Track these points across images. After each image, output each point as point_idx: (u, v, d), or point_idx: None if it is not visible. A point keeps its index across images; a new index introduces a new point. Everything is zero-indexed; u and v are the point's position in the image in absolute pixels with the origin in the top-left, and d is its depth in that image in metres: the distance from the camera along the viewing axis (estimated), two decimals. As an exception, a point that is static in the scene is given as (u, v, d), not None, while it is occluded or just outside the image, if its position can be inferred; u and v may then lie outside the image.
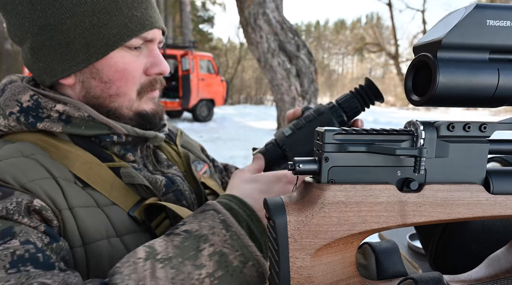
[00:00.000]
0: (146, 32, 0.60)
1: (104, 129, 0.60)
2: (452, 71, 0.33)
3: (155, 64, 0.63)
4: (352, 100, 0.62)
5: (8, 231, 0.46)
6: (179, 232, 0.47)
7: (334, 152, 0.35)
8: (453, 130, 0.37)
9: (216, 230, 0.47)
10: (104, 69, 0.59)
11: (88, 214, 0.54)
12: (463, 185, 0.37)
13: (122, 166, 0.61)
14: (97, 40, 0.57)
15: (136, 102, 0.63)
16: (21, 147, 0.56)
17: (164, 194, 0.65)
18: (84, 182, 0.57)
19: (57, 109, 0.58)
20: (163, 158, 0.73)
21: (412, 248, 0.86)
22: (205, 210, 0.50)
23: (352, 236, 0.35)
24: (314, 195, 0.35)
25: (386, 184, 0.36)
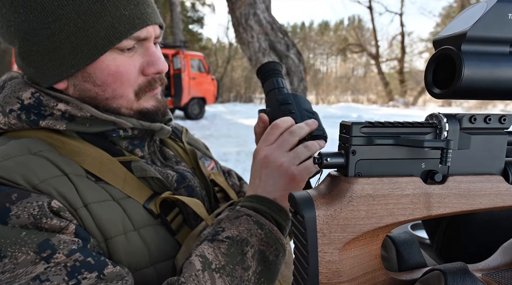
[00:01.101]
0: (137, 31, 0.54)
1: (109, 125, 0.57)
2: (476, 64, 0.32)
3: (152, 63, 0.57)
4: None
5: (46, 245, 0.43)
6: (222, 239, 0.49)
7: (361, 145, 0.33)
8: (475, 122, 0.35)
9: (253, 231, 0.50)
10: (96, 73, 0.54)
11: (104, 209, 0.51)
12: (484, 176, 0.36)
13: (133, 160, 0.58)
14: (85, 44, 0.52)
15: (136, 103, 0.59)
16: (28, 143, 0.52)
17: (176, 189, 0.62)
18: (96, 176, 0.54)
19: (59, 108, 0.55)
20: (170, 155, 0.70)
21: (413, 238, 0.85)
22: (239, 216, 0.52)
23: (378, 229, 0.34)
24: (342, 189, 0.33)
25: (411, 176, 0.34)
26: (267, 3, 3.76)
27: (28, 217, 0.43)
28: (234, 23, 3.75)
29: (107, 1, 0.52)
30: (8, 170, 0.47)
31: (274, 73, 0.64)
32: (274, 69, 0.64)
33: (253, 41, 3.67)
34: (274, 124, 0.55)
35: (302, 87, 3.81)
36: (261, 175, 0.54)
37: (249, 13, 3.59)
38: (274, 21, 3.74)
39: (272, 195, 0.53)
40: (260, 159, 0.54)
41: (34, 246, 0.42)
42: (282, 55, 3.72)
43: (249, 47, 3.71)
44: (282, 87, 0.63)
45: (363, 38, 24.90)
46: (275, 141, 0.54)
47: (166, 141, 0.72)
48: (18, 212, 0.43)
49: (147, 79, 0.58)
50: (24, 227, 0.43)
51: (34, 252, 0.42)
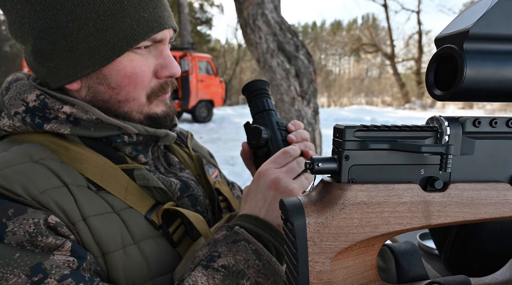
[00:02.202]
0: (155, 34, 0.55)
1: (114, 130, 0.57)
2: (480, 63, 0.31)
3: (165, 66, 0.58)
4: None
5: (38, 268, 0.43)
6: (218, 268, 0.49)
7: (355, 150, 0.33)
8: (479, 126, 0.34)
9: (251, 262, 0.49)
10: (112, 74, 0.55)
11: (102, 223, 0.51)
12: (490, 184, 0.35)
13: (135, 168, 0.59)
14: (102, 45, 0.53)
15: (147, 107, 0.59)
16: (30, 150, 0.52)
17: (179, 198, 0.62)
18: (97, 185, 0.54)
19: (64, 111, 0.55)
20: (175, 161, 0.70)
21: (422, 248, 0.83)
22: (237, 241, 0.51)
23: (374, 239, 0.33)
24: (334, 196, 0.32)
25: (409, 183, 0.34)
26: (275, 3, 3.76)
27: (24, 235, 0.44)
28: (241, 24, 3.76)
29: (127, 2, 0.52)
30: (8, 179, 0.47)
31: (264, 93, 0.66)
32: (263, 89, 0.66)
33: (261, 42, 3.67)
34: (286, 150, 0.57)
35: (312, 89, 3.80)
36: (267, 197, 0.54)
37: (257, 13, 3.60)
38: (283, 21, 3.74)
39: (277, 221, 0.53)
40: (270, 180, 0.54)
41: (27, 269, 0.43)
42: (291, 56, 3.71)
43: (257, 48, 3.71)
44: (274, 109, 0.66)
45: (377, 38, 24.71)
46: (284, 166, 0.56)
47: (172, 146, 0.73)
48: (14, 229, 0.44)
49: (160, 83, 0.59)
50: (19, 245, 0.44)
51: (26, 275, 0.42)
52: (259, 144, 0.62)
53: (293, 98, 3.75)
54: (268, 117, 0.64)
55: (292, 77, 3.73)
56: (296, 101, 3.74)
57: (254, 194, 0.56)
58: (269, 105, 0.65)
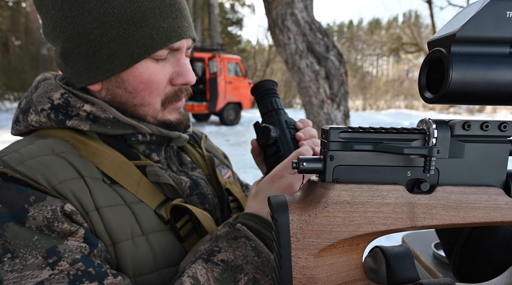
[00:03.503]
0: (172, 43, 0.60)
1: (129, 129, 0.63)
2: (467, 67, 0.33)
3: (181, 74, 0.64)
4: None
5: (53, 251, 0.48)
6: (217, 262, 0.52)
7: (340, 150, 0.35)
8: (469, 129, 0.36)
9: (249, 258, 0.53)
10: (129, 79, 0.61)
11: (114, 214, 0.56)
12: (480, 188, 0.36)
13: (148, 165, 0.64)
14: (123, 51, 0.58)
15: (161, 112, 0.65)
16: (53, 143, 0.59)
17: (188, 196, 0.67)
18: (112, 179, 0.60)
19: (85, 109, 0.62)
20: (187, 160, 0.75)
21: (437, 257, 0.83)
22: (238, 237, 0.54)
23: (358, 238, 0.35)
24: (317, 194, 0.35)
25: (395, 184, 0.36)
26: (306, 2, 3.78)
27: (42, 220, 0.49)
28: (270, 24, 3.81)
29: (149, 12, 0.58)
30: (32, 169, 0.53)
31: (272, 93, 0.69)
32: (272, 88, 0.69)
33: (289, 43, 3.70)
34: (299, 153, 0.60)
35: (343, 91, 3.77)
36: None
37: (286, 13, 3.64)
38: (313, 20, 3.75)
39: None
40: (284, 187, 0.57)
41: (43, 251, 0.48)
42: (321, 57, 3.71)
43: (285, 49, 3.74)
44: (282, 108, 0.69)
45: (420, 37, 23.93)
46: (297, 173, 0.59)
47: (185, 146, 0.78)
48: (34, 214, 0.49)
49: (174, 90, 0.65)
50: (38, 229, 0.50)
51: (42, 256, 0.48)
52: (269, 142, 0.65)
53: (323, 100, 3.74)
54: (276, 116, 0.67)
55: (321, 79, 3.73)
56: (326, 104, 3.73)
57: (265, 195, 0.59)
58: (278, 104, 0.68)
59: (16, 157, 0.54)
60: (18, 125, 0.65)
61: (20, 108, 0.64)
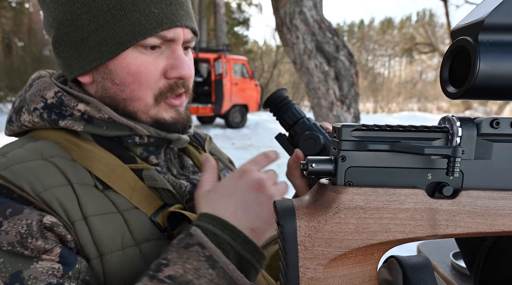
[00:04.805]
0: (165, 31, 0.57)
1: (126, 130, 0.61)
2: (496, 57, 0.30)
3: (175, 67, 0.60)
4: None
5: (16, 277, 0.46)
6: (163, 279, 0.47)
7: (352, 150, 0.33)
8: (497, 127, 0.33)
9: (202, 271, 0.47)
10: (116, 70, 0.59)
11: (103, 223, 0.54)
12: (510, 192, 0.34)
13: (144, 168, 0.62)
14: (110, 38, 0.56)
15: (153, 108, 0.62)
16: (43, 147, 0.57)
17: (188, 201, 0.64)
18: (105, 184, 0.58)
19: (79, 108, 0.60)
20: (189, 164, 0.73)
21: (456, 268, 0.80)
22: (189, 245, 0.49)
23: (372, 247, 0.33)
24: (328, 199, 0.33)
25: (414, 188, 0.33)
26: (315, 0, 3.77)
27: (15, 235, 0.47)
28: (277, 23, 3.80)
29: None
30: (17, 175, 0.52)
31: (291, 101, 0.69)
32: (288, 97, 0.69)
33: (298, 43, 3.68)
34: (267, 154, 0.60)
35: (353, 93, 3.74)
36: (246, 197, 0.55)
37: (294, 12, 3.63)
38: (322, 19, 3.73)
39: (252, 225, 0.54)
40: (254, 180, 0.56)
41: (7, 276, 0.46)
42: (330, 57, 3.69)
43: (293, 49, 3.73)
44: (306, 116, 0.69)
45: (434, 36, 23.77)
46: (266, 170, 0.58)
47: (188, 148, 0.76)
48: (8, 228, 0.48)
49: (169, 83, 0.61)
50: (10, 245, 0.47)
51: (4, 283, 0.46)
52: (317, 151, 0.64)
53: (332, 102, 3.71)
54: (309, 123, 0.67)
55: (331, 80, 3.71)
56: (335, 106, 3.70)
57: (230, 192, 0.56)
58: (303, 112, 0.68)
59: (3, 162, 0.53)
60: (11, 126, 0.63)
61: (13, 107, 0.63)
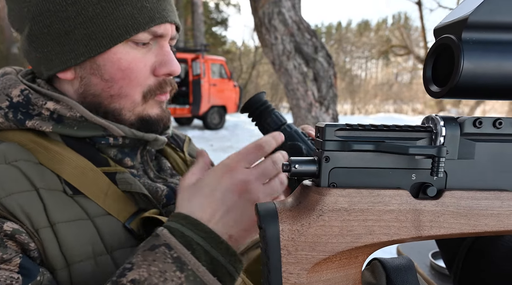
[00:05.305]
0: (156, 26, 0.56)
1: (99, 130, 0.59)
2: (480, 55, 0.30)
3: (164, 63, 0.59)
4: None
5: None
6: (126, 283, 0.43)
7: (336, 150, 0.33)
8: (480, 126, 0.33)
9: (169, 274, 0.43)
10: (106, 65, 0.56)
11: (72, 230, 0.52)
12: (492, 192, 0.34)
13: (118, 172, 0.59)
14: (100, 31, 0.54)
15: (140, 106, 0.60)
16: (6, 150, 0.54)
17: (164, 206, 0.62)
18: (75, 189, 0.55)
19: (47, 107, 0.57)
20: (167, 166, 0.71)
21: (435, 268, 0.82)
22: (156, 246, 0.45)
23: (356, 249, 0.32)
24: (311, 201, 0.32)
25: (398, 189, 0.33)
26: (294, 0, 3.79)
27: None
28: (256, 24, 3.80)
29: None
30: None
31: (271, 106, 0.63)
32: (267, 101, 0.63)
33: (276, 43, 3.70)
34: (259, 144, 0.52)
35: (332, 94, 3.78)
36: (226, 200, 0.49)
37: (273, 12, 3.64)
38: (301, 20, 3.76)
39: (230, 231, 0.49)
40: (237, 182, 0.49)
41: None
42: (309, 58, 3.72)
43: (272, 49, 3.74)
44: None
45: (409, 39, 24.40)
46: (257, 167, 0.51)
47: (165, 150, 0.74)
48: None
49: (158, 81, 0.60)
50: None
51: None
52: None
53: (311, 104, 3.74)
54: (290, 130, 0.62)
55: (309, 81, 3.74)
56: (314, 107, 3.73)
57: (210, 191, 0.50)
58: (283, 117, 0.64)
59: None
60: None
61: None
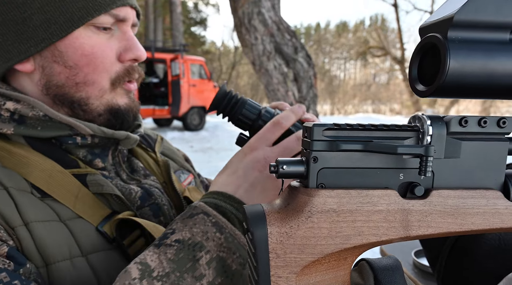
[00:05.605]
0: (117, 9, 0.55)
1: (65, 130, 0.56)
2: (466, 54, 0.30)
3: (129, 48, 0.58)
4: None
5: None
6: (170, 243, 0.46)
7: (325, 151, 0.32)
8: (466, 125, 0.34)
9: (210, 234, 0.46)
10: (68, 51, 0.54)
11: (48, 230, 0.50)
12: (478, 191, 0.34)
13: (89, 173, 0.57)
14: (59, 15, 0.52)
15: (109, 94, 0.58)
16: None
17: (139, 208, 0.60)
18: (43, 192, 0.52)
19: (7, 108, 0.54)
20: (139, 167, 0.69)
21: (418, 266, 0.83)
22: (194, 214, 0.48)
23: (345, 251, 0.32)
24: (300, 202, 0.31)
25: (386, 189, 0.33)
26: (273, 1, 3.80)
27: None
28: (236, 24, 3.79)
29: None
30: None
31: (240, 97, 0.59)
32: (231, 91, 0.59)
33: (256, 43, 3.70)
34: (276, 121, 0.52)
35: (312, 94, 3.81)
36: (249, 177, 0.51)
37: (253, 12, 3.64)
38: (281, 20, 3.78)
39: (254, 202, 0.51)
40: (257, 160, 0.51)
41: None
42: (289, 58, 3.74)
43: (252, 50, 3.74)
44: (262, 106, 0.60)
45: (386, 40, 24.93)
46: (279, 145, 0.52)
47: (136, 150, 0.71)
48: None
49: (125, 67, 0.59)
50: None
51: None
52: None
53: (291, 104, 3.76)
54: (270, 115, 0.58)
55: (290, 82, 3.75)
56: (294, 107, 3.75)
57: (234, 170, 0.53)
58: (258, 104, 0.60)
59: None
60: None
61: None
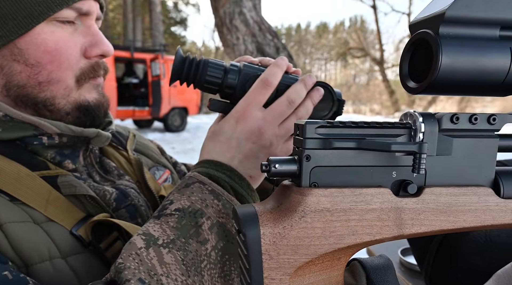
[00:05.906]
0: (80, 2, 0.53)
1: (29, 130, 0.53)
2: (458, 50, 0.30)
3: (95, 43, 0.56)
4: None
5: None
6: (171, 212, 0.45)
7: (317, 149, 0.32)
8: (457, 122, 0.34)
9: (209, 201, 0.46)
10: (29, 48, 0.51)
11: (23, 231, 0.47)
12: (469, 188, 0.34)
13: (60, 174, 0.54)
14: (18, 10, 0.50)
15: (75, 91, 0.56)
16: None
17: (115, 210, 0.58)
18: (11, 196, 0.50)
19: None
20: (112, 167, 0.66)
21: (404, 264, 0.84)
22: (190, 184, 0.47)
23: (339, 251, 0.32)
24: (293, 202, 0.31)
25: (379, 187, 0.33)
26: (254, 1, 3.80)
27: None
28: (217, 23, 3.77)
29: None
30: None
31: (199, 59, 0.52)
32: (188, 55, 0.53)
33: (238, 43, 3.69)
34: (263, 79, 0.48)
35: (294, 95, 3.83)
36: (242, 147, 0.49)
37: (234, 12, 3.62)
38: (262, 21, 3.78)
39: (249, 173, 0.50)
40: (250, 130, 0.49)
41: None
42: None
43: (234, 50, 3.72)
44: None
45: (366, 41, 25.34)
46: (270, 111, 0.49)
47: (106, 149, 0.68)
48: None
49: (90, 63, 0.57)
50: None
51: None
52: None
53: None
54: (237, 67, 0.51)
55: (272, 82, 3.76)
56: (277, 107, 3.76)
57: (227, 139, 0.50)
58: (220, 60, 0.53)
59: None
60: None
61: None
